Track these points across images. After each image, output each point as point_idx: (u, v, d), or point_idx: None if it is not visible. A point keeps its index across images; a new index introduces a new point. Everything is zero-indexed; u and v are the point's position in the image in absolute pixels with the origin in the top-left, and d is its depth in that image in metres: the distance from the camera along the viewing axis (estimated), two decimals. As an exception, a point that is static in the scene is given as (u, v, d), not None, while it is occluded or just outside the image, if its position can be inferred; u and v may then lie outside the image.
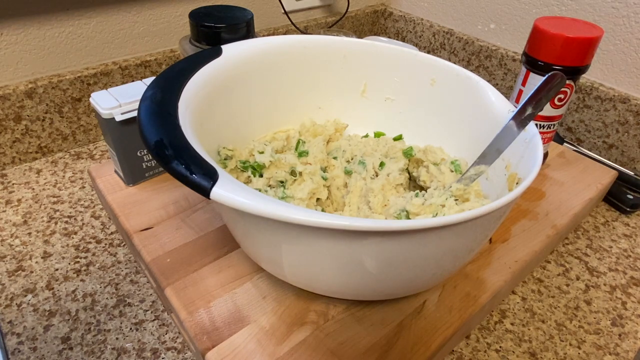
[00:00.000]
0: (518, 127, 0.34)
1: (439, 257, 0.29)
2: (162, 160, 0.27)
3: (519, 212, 0.47)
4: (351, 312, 0.35)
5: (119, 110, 0.41)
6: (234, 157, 0.39)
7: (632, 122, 0.58)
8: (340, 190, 0.41)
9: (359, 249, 0.26)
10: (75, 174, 0.55)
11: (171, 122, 0.30)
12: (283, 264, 0.31)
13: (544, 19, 0.45)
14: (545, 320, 0.40)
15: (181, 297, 0.35)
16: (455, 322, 0.35)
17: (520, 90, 0.48)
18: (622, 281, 0.45)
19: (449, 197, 0.35)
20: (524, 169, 0.32)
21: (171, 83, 0.34)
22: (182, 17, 0.63)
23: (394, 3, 0.89)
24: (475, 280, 0.39)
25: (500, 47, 0.72)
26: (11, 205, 0.49)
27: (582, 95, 0.63)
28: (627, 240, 0.50)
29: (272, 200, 0.25)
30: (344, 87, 0.47)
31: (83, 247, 0.45)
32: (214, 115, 0.37)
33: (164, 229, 0.41)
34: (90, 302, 0.39)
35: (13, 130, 0.53)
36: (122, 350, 0.36)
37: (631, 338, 0.40)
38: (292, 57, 0.44)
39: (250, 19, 0.48)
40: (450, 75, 0.43)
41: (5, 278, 0.41)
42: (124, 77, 0.60)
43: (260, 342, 0.33)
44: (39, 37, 0.53)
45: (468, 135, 0.41)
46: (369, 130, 0.49)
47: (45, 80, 0.54)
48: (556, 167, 0.54)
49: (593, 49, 0.43)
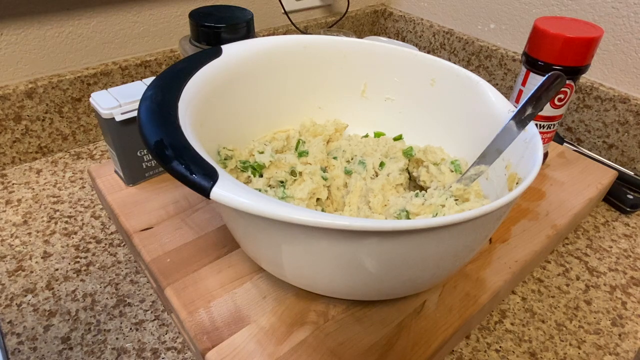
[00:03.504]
0: (518, 127, 0.34)
1: (439, 257, 0.29)
2: (162, 160, 0.27)
3: (519, 212, 0.47)
4: (351, 312, 0.35)
5: (119, 110, 0.41)
6: (234, 157, 0.39)
7: (632, 122, 0.58)
8: (340, 190, 0.41)
9: (359, 249, 0.26)
10: (75, 174, 0.55)
11: (171, 122, 0.30)
12: (283, 264, 0.31)
13: (544, 19, 0.45)
14: (545, 320, 0.40)
15: (181, 297, 0.35)
16: (455, 322, 0.35)
17: (520, 90, 0.48)
18: (622, 281, 0.45)
19: (449, 197, 0.35)
20: (524, 169, 0.32)
21: (171, 83, 0.34)
22: (182, 17, 0.63)
23: (394, 3, 0.89)
24: (475, 280, 0.39)
25: (500, 47, 0.72)
26: (11, 205, 0.49)
27: (582, 95, 0.63)
28: (627, 240, 0.50)
29: (272, 200, 0.25)
30: (344, 87, 0.47)
31: (83, 247, 0.45)
32: (214, 115, 0.37)
33: (164, 229, 0.41)
34: (90, 302, 0.39)
35: (13, 130, 0.54)
36: (122, 350, 0.36)
37: (631, 338, 0.40)
38: (292, 57, 0.44)
39: (250, 19, 0.48)
40: (450, 75, 0.43)
41: (5, 278, 0.41)
42: (124, 77, 0.60)
43: (260, 342, 0.33)
44: (39, 37, 0.53)
45: (468, 135, 0.41)
46: (369, 130, 0.49)
47: (45, 80, 0.54)
48: (556, 167, 0.54)
49: (593, 49, 0.43)
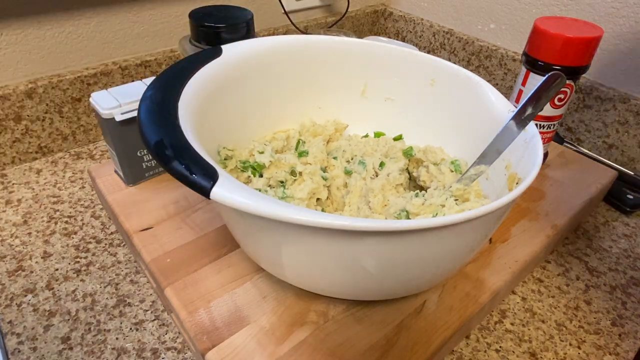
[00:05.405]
0: (518, 127, 0.34)
1: (439, 257, 0.29)
2: (162, 161, 0.27)
3: (519, 212, 0.47)
4: (351, 312, 0.35)
5: (119, 110, 0.41)
6: (234, 157, 0.39)
7: (632, 122, 0.58)
8: (340, 190, 0.41)
9: (359, 249, 0.26)
10: (75, 174, 0.55)
11: (171, 122, 0.30)
12: (283, 264, 0.31)
13: (544, 19, 0.45)
14: (545, 320, 0.40)
15: (181, 297, 0.35)
16: (455, 322, 0.35)
17: (520, 90, 0.48)
18: (622, 281, 0.45)
19: (449, 197, 0.35)
20: (524, 169, 0.32)
21: (171, 83, 0.34)
22: (182, 17, 0.63)
23: (394, 3, 0.89)
24: (475, 280, 0.39)
25: (500, 47, 0.72)
26: (11, 205, 0.49)
27: (582, 95, 0.63)
28: (627, 240, 0.50)
29: (272, 200, 0.25)
30: (344, 87, 0.47)
31: (83, 247, 0.45)
32: (214, 115, 0.37)
33: (164, 229, 0.41)
34: (90, 302, 0.39)
35: (13, 130, 0.54)
36: (122, 350, 0.36)
37: (631, 338, 0.40)
38: (292, 57, 0.44)
39: (250, 19, 0.48)
40: (450, 75, 0.43)
41: (5, 278, 0.41)
42: (124, 77, 0.60)
43: (260, 342, 0.33)
44: (39, 37, 0.53)
45: (468, 135, 0.41)
46: (369, 130, 0.49)
47: (45, 80, 0.54)
48: (556, 167, 0.54)
49: (593, 49, 0.43)
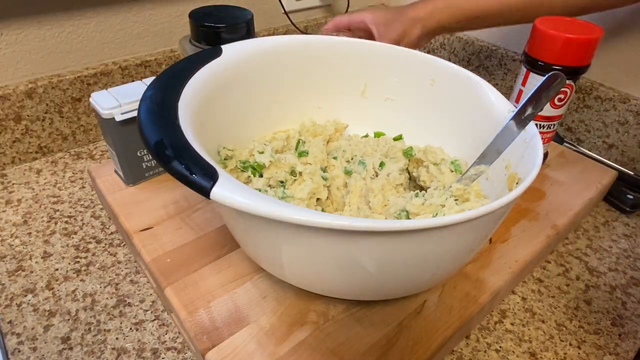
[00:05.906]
0: (518, 127, 0.34)
1: (439, 257, 0.29)
2: (162, 160, 0.27)
3: (519, 212, 0.47)
4: (351, 312, 0.35)
5: (119, 110, 0.41)
6: (234, 157, 0.39)
7: (632, 122, 0.58)
8: (340, 190, 0.41)
9: (358, 249, 0.26)
10: (75, 174, 0.55)
11: (171, 122, 0.30)
12: (283, 264, 0.31)
13: (544, 19, 0.45)
14: (545, 320, 0.40)
15: (181, 297, 0.35)
16: (455, 322, 0.35)
17: (520, 90, 0.48)
18: (622, 281, 0.45)
19: (449, 197, 0.35)
20: (524, 169, 0.32)
21: (171, 83, 0.34)
22: (182, 17, 0.63)
23: (394, 3, 0.89)
24: (475, 280, 0.39)
25: (500, 47, 0.72)
26: (11, 205, 0.49)
27: (582, 95, 0.63)
28: (627, 240, 0.50)
29: (272, 200, 0.25)
30: (344, 87, 0.47)
31: (83, 247, 0.45)
32: (214, 115, 0.37)
33: (164, 229, 0.41)
34: (90, 302, 0.39)
35: (13, 130, 0.54)
36: (122, 350, 0.36)
37: (631, 338, 0.40)
38: (292, 57, 0.44)
39: (250, 19, 0.48)
40: (450, 75, 0.43)
41: (5, 278, 0.41)
42: (124, 77, 0.60)
43: (260, 342, 0.33)
44: (39, 37, 0.53)
45: (468, 135, 0.41)
46: (369, 130, 0.49)
47: (45, 80, 0.54)
48: (556, 167, 0.54)
49: (593, 49, 0.43)
